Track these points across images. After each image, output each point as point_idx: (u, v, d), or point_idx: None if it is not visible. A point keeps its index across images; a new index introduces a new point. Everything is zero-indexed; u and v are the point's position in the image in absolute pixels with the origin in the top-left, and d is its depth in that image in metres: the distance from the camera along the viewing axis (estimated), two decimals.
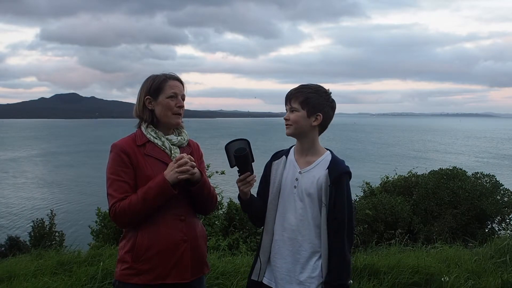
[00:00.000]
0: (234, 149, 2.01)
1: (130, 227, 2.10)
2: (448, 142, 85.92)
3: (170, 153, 2.16)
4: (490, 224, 9.16)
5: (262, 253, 2.19)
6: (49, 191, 34.24)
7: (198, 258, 2.18)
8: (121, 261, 2.10)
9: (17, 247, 9.94)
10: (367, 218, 8.23)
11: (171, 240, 2.07)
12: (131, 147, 2.10)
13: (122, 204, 2.00)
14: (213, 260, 4.16)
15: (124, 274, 2.06)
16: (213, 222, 7.05)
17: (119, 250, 2.14)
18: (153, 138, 2.15)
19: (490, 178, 9.54)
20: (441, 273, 3.95)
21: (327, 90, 2.15)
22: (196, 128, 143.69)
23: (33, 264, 4.33)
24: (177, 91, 2.17)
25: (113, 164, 2.07)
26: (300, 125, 2.11)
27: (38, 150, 72.83)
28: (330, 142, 76.98)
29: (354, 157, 51.23)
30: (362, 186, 10.76)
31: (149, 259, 2.04)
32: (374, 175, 15.24)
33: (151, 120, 2.18)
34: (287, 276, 2.10)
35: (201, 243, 2.21)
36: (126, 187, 2.04)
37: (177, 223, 2.10)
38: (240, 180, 2.05)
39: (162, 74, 2.20)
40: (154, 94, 2.15)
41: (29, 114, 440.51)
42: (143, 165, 2.08)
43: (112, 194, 2.04)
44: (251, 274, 2.22)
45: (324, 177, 2.07)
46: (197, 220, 2.25)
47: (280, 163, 2.20)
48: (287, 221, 2.12)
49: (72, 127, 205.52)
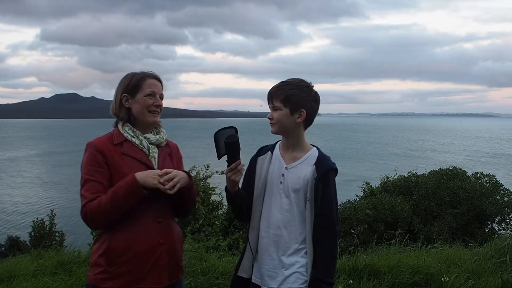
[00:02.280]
0: (224, 137, 1.96)
1: (102, 229, 2.03)
2: (446, 142, 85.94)
3: (148, 152, 2.10)
4: (490, 224, 9.15)
5: (248, 249, 2.17)
6: (48, 191, 34.23)
7: (174, 262, 2.11)
8: (94, 265, 2.01)
9: (17, 247, 9.93)
10: (367, 218, 8.22)
11: (148, 243, 2.00)
12: (107, 146, 2.03)
13: (92, 205, 1.93)
14: (213, 260, 4.16)
15: (98, 279, 1.97)
16: (213, 222, 7.03)
17: (92, 253, 2.04)
18: (130, 136, 2.08)
19: (490, 178, 9.52)
20: (441, 273, 3.95)
21: (309, 83, 2.11)
22: (196, 128, 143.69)
23: (33, 264, 4.33)
24: (155, 90, 2.12)
25: (87, 164, 2.00)
26: (284, 123, 2.09)
27: (37, 150, 72.80)
28: (328, 142, 76.96)
29: (352, 156, 51.24)
30: (362, 186, 10.75)
31: (124, 262, 1.96)
32: (372, 174, 15.28)
33: (128, 118, 2.12)
34: (273, 273, 2.09)
35: (178, 246, 2.15)
36: (99, 187, 1.97)
37: (154, 226, 2.03)
38: (231, 169, 1.99)
39: (140, 72, 2.15)
40: (132, 92, 2.10)
41: (29, 114, 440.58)
42: (120, 164, 2.01)
43: (84, 194, 1.97)
44: (237, 271, 2.20)
45: (311, 173, 2.05)
46: (174, 223, 2.19)
47: (266, 158, 2.18)
48: (272, 217, 2.10)
49: (72, 127, 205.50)
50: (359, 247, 5.16)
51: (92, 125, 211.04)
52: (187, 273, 3.83)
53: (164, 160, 2.15)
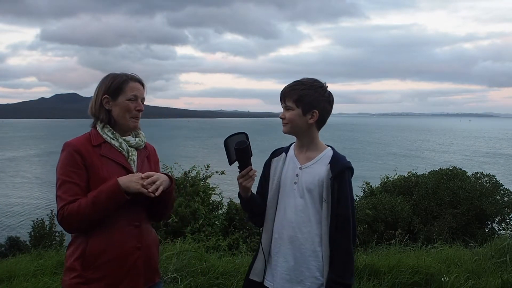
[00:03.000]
0: (234, 143, 1.94)
1: (78, 233, 1.97)
2: (445, 142, 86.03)
3: (128, 155, 2.05)
4: (490, 224, 9.15)
5: (261, 252, 2.13)
6: (48, 191, 34.20)
7: (150, 266, 2.07)
8: (69, 270, 1.95)
9: (17, 247, 9.93)
10: (367, 218, 8.22)
11: (124, 247, 1.96)
12: (85, 147, 1.97)
13: (71, 207, 1.87)
14: (213, 260, 4.15)
15: (73, 284, 1.92)
16: (213, 222, 7.04)
17: (67, 258, 1.98)
18: (109, 138, 2.03)
19: (490, 178, 9.52)
20: (441, 273, 3.94)
21: (323, 84, 2.08)
22: (196, 128, 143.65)
23: (33, 264, 4.34)
24: (138, 94, 2.06)
25: (64, 164, 1.93)
26: (296, 123, 2.05)
27: (37, 150, 72.76)
28: (328, 142, 76.93)
29: (351, 156, 51.27)
30: (362, 186, 10.75)
31: (100, 266, 1.92)
32: (370, 174, 15.26)
33: (108, 121, 2.05)
34: (287, 275, 2.05)
35: (154, 251, 2.12)
36: (77, 189, 1.90)
37: (131, 230, 1.99)
38: (242, 175, 1.98)
39: (123, 74, 2.07)
40: (113, 94, 2.04)
41: (29, 114, 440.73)
42: (98, 166, 1.95)
43: (61, 196, 1.90)
44: (249, 274, 2.16)
45: (326, 173, 2.01)
46: (150, 227, 2.15)
47: (280, 160, 2.15)
48: (286, 219, 2.06)
49: (72, 127, 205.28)
50: (359, 247, 5.16)
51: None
52: (186, 273, 3.84)
53: (143, 163, 2.11)
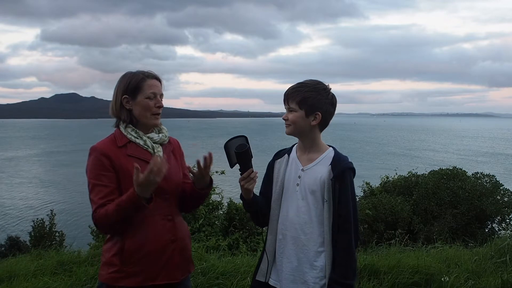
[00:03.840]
0: (234, 146, 1.97)
1: (113, 234, 2.04)
2: (445, 142, 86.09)
3: (153, 152, 2.09)
4: (490, 224, 9.16)
5: (267, 253, 2.15)
6: (48, 190, 34.21)
7: (185, 257, 2.15)
8: (107, 264, 2.03)
9: (17, 247, 9.94)
10: (367, 218, 8.23)
11: (160, 241, 2.03)
12: (112, 150, 2.02)
13: (101, 213, 1.93)
14: (213, 260, 4.15)
15: (113, 278, 2.00)
16: (213, 222, 7.03)
17: (104, 253, 2.06)
18: (134, 138, 2.07)
19: (490, 178, 9.53)
20: (441, 273, 3.94)
21: (326, 86, 2.08)
22: (196, 128, 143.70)
23: (33, 264, 4.33)
24: (156, 91, 2.09)
25: (93, 168, 1.99)
26: (298, 125, 2.07)
27: (37, 150, 72.79)
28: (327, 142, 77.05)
29: (349, 156, 51.36)
30: (362, 186, 10.76)
31: (138, 261, 1.99)
32: (367, 173, 15.21)
33: (130, 120, 2.09)
34: (291, 276, 2.07)
35: (187, 242, 2.19)
36: (107, 191, 1.96)
37: (165, 224, 2.06)
38: (243, 178, 2.00)
39: (139, 72, 2.11)
40: (132, 94, 2.07)
41: (29, 114, 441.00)
42: (127, 167, 1.99)
43: (92, 199, 1.97)
44: (255, 275, 2.19)
45: (327, 174, 2.03)
46: (182, 220, 2.22)
47: (283, 161, 2.17)
48: (289, 220, 2.08)
49: (72, 127, 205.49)
50: (359, 247, 5.16)
51: (92, 125, 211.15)
52: None
53: (169, 157, 2.14)
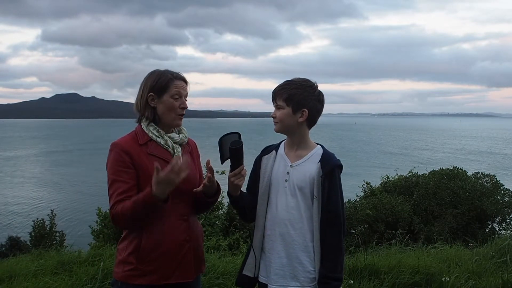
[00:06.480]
0: (229, 142, 2.00)
1: (129, 230, 2.08)
2: (445, 142, 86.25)
3: (173, 152, 2.12)
4: (490, 224, 9.15)
5: (254, 248, 2.18)
6: (48, 190, 34.22)
7: (198, 257, 2.19)
8: (124, 262, 2.06)
9: (18, 247, 9.94)
10: (368, 218, 8.22)
11: (175, 241, 2.07)
12: (133, 147, 2.05)
13: (118, 208, 1.96)
14: (214, 260, 4.15)
15: (129, 275, 2.04)
16: (214, 222, 7.04)
17: (120, 251, 2.10)
18: (155, 136, 2.10)
19: (490, 178, 9.52)
20: (441, 273, 3.95)
21: (313, 83, 2.12)
22: (196, 128, 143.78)
23: (34, 264, 4.33)
24: (182, 92, 2.13)
25: (114, 164, 2.02)
26: (286, 122, 2.11)
27: (37, 150, 72.84)
28: (327, 141, 77.26)
29: (349, 156, 51.51)
30: (363, 186, 10.75)
31: (154, 260, 2.03)
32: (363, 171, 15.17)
33: (153, 118, 2.12)
34: (281, 271, 2.10)
35: (200, 242, 2.24)
36: (126, 187, 1.99)
37: (180, 224, 2.10)
38: (234, 174, 2.02)
39: (167, 72, 2.14)
40: (158, 92, 2.10)
41: (30, 114, 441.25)
42: (147, 164, 2.02)
43: (111, 195, 2.00)
44: (242, 269, 2.21)
45: (316, 171, 2.07)
46: (196, 219, 2.27)
47: (270, 157, 2.19)
48: (279, 216, 2.11)
49: (72, 127, 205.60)
50: (359, 247, 5.17)
51: (93, 125, 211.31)
52: None
53: None
